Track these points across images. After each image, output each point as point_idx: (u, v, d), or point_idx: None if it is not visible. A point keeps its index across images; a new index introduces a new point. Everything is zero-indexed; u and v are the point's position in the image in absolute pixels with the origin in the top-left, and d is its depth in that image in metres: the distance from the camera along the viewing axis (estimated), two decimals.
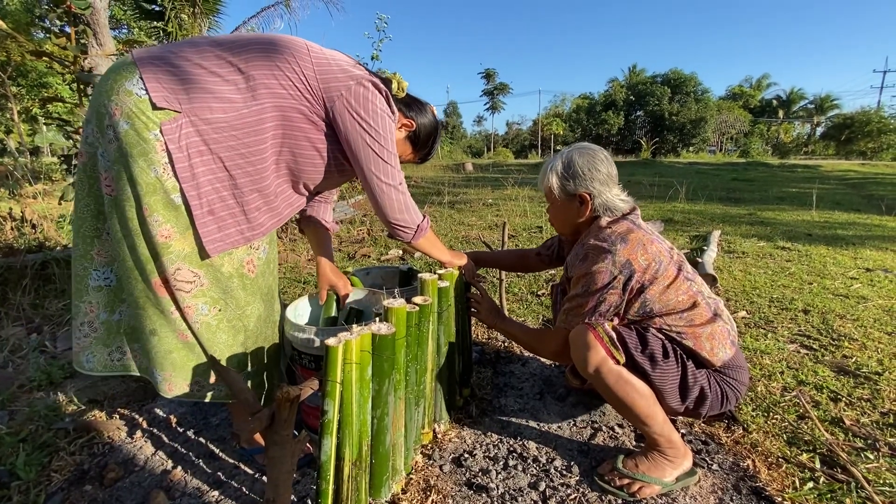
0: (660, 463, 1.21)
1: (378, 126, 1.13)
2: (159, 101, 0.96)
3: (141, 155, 0.97)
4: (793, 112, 47.07)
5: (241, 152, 1.05)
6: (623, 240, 1.20)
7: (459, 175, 13.39)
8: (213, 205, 1.04)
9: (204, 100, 1.00)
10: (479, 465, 1.33)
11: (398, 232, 1.27)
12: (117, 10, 12.08)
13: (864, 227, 5.00)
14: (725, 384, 1.19)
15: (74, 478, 1.29)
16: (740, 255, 3.76)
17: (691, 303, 1.19)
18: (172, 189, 1.00)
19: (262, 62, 1.05)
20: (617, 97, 39.85)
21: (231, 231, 1.08)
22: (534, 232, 4.71)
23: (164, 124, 0.96)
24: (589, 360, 1.15)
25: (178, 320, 1.09)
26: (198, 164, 1.01)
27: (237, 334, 1.15)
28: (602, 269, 1.18)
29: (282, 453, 0.84)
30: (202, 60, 1.02)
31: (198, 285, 1.07)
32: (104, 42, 4.53)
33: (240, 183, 1.07)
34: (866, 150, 33.60)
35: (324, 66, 1.10)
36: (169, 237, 1.01)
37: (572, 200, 1.32)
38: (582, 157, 1.30)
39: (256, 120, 1.04)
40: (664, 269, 1.19)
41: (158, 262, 1.03)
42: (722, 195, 8.08)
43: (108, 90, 0.98)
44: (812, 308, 2.50)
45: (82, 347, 1.17)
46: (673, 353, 1.16)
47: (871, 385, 1.70)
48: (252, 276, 1.16)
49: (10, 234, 2.82)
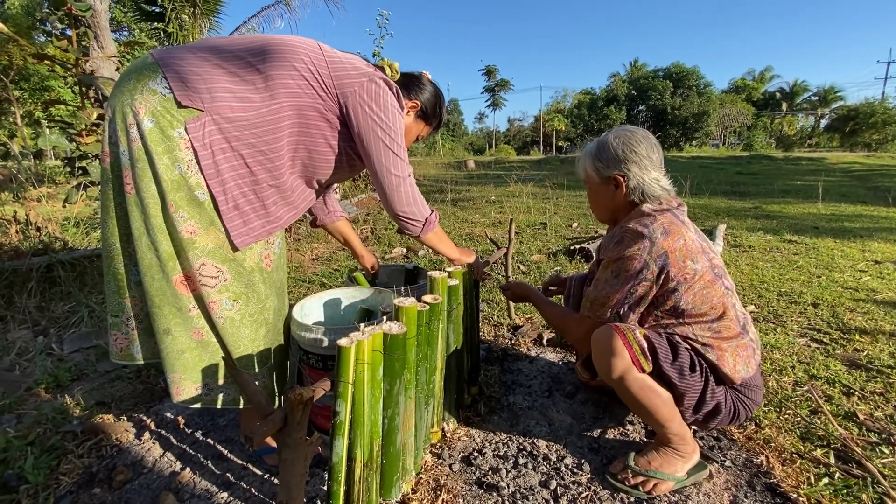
0: (672, 458, 1.20)
1: (389, 120, 1.16)
2: (183, 99, 0.99)
3: (166, 152, 0.99)
4: (796, 104, 46.76)
5: (261, 149, 1.08)
6: (665, 231, 1.14)
7: (462, 173, 13.36)
8: (237, 200, 1.08)
9: (225, 99, 1.02)
10: (488, 463, 1.32)
11: (406, 225, 1.27)
12: (118, 12, 12.09)
13: (872, 220, 4.96)
14: (740, 402, 1.17)
15: (83, 481, 1.29)
16: (747, 248, 3.73)
17: (721, 311, 1.15)
18: (196, 185, 1.02)
19: (279, 62, 1.08)
20: (619, 92, 39.69)
21: (255, 225, 1.12)
22: (538, 229, 4.69)
23: (188, 122, 0.99)
24: (614, 367, 1.11)
25: (195, 318, 1.10)
26: (221, 161, 1.04)
27: (259, 328, 1.18)
28: (636, 254, 1.13)
29: (294, 456, 0.83)
30: (221, 61, 1.05)
31: (222, 280, 1.09)
32: (105, 44, 4.52)
33: (259, 178, 1.10)
34: (871, 141, 33.37)
35: (337, 64, 1.14)
36: (194, 233, 1.04)
37: (608, 184, 1.27)
38: (618, 139, 1.24)
39: (275, 118, 1.07)
40: (701, 271, 1.14)
41: (183, 258, 1.05)
42: (726, 189, 8.04)
43: (130, 89, 0.99)
44: (821, 301, 2.47)
45: (131, 340, 1.19)
46: (699, 367, 1.13)
47: (884, 379, 1.68)
48: (269, 270, 1.19)
49: (15, 238, 2.82)
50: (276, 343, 1.26)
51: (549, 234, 4.38)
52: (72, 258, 2.72)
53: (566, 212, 5.71)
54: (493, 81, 48.66)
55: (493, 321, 2.34)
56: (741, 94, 46.01)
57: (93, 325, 2.33)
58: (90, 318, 2.39)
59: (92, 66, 4.31)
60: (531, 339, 2.15)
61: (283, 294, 1.30)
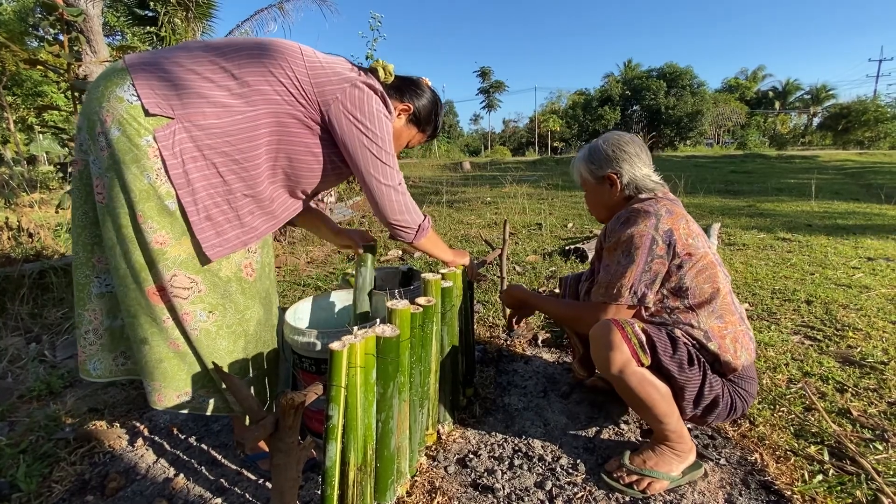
0: (667, 457, 1.20)
1: (375, 127, 1.12)
2: (151, 107, 0.96)
3: (133, 161, 0.95)
4: (789, 103, 47.12)
5: (235, 158, 1.04)
6: (669, 211, 1.20)
7: (457, 174, 13.37)
8: (209, 210, 1.04)
9: (197, 105, 0.98)
10: (484, 465, 1.32)
11: (399, 233, 1.25)
12: (110, 16, 12.06)
13: (865, 217, 4.99)
14: (737, 395, 1.18)
15: (76, 488, 1.28)
16: (741, 247, 3.75)
17: (717, 288, 1.18)
18: (166, 195, 0.99)
19: (256, 67, 1.04)
20: (613, 92, 39.79)
21: (229, 236, 1.07)
22: (533, 229, 4.70)
23: (157, 131, 0.96)
24: (612, 361, 1.11)
25: (171, 329, 1.07)
26: (192, 171, 1.00)
27: (237, 339, 1.14)
28: (644, 231, 1.16)
29: (287, 460, 0.83)
30: (195, 66, 1.01)
31: (195, 291, 1.05)
32: (98, 49, 4.51)
33: (234, 188, 1.06)
34: (863, 139, 33.60)
35: (317, 69, 1.09)
36: (164, 243, 1.00)
37: (602, 183, 1.34)
38: (606, 142, 1.33)
39: (250, 126, 1.04)
40: (703, 250, 1.18)
41: (154, 270, 1.02)
42: (720, 187, 8.08)
43: (98, 97, 0.97)
44: (815, 299, 2.49)
45: (88, 355, 1.16)
46: (697, 360, 1.14)
47: (877, 375, 1.69)
48: (251, 280, 1.15)
49: (8, 244, 2.80)
50: (259, 353, 1.22)
51: (545, 235, 4.38)
52: (64, 264, 2.71)
53: (561, 212, 5.72)
54: (488, 83, 48.67)
55: (488, 322, 2.34)
56: (734, 94, 46.26)
57: None
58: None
59: (84, 70, 4.29)
60: (526, 339, 2.15)
61: (270, 303, 1.25)
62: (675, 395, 1.15)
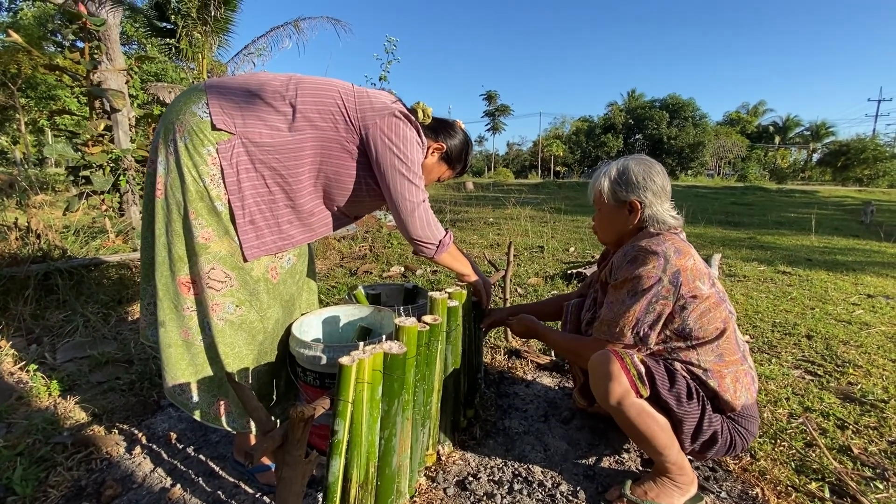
0: (669, 489, 1.19)
1: (406, 150, 1.23)
2: (218, 123, 1.12)
3: (194, 166, 1.11)
4: (789, 138, 47.76)
5: (282, 173, 1.18)
6: (677, 251, 1.17)
7: (461, 193, 13.46)
8: (253, 215, 1.18)
9: (256, 126, 1.14)
10: (483, 488, 1.31)
11: (421, 248, 1.33)
12: (129, 26, 12.33)
13: (864, 253, 5.03)
14: (737, 433, 1.17)
15: (72, 494, 1.26)
16: (741, 278, 3.77)
17: (722, 328, 1.16)
18: (216, 197, 1.13)
19: (312, 99, 1.19)
20: (616, 120, 40.44)
21: (267, 240, 1.21)
22: (535, 252, 4.72)
23: (220, 143, 1.12)
24: (611, 392, 1.10)
25: (188, 317, 1.19)
26: (244, 180, 1.15)
27: (256, 335, 1.25)
28: (651, 273, 1.15)
29: (293, 474, 0.83)
30: (261, 92, 1.17)
31: (228, 285, 1.18)
32: (114, 57, 4.62)
33: (277, 198, 1.20)
34: (862, 176, 33.95)
35: (363, 99, 1.24)
36: (209, 239, 1.14)
37: (622, 207, 1.30)
38: (639, 166, 1.29)
39: (297, 147, 1.18)
40: (707, 292, 1.16)
41: (193, 261, 1.15)
42: (721, 218, 8.14)
43: (178, 110, 1.14)
44: (815, 333, 2.49)
45: (148, 324, 1.33)
46: (696, 394, 1.14)
47: (878, 413, 1.69)
48: (274, 282, 1.27)
49: (15, 244, 2.82)
50: (273, 350, 1.32)
51: (547, 258, 4.41)
52: (70, 266, 2.71)
53: (563, 236, 5.76)
54: (494, 106, 49.46)
55: (489, 344, 2.34)
56: (735, 127, 47.01)
57: (87, 335, 2.32)
58: (85, 328, 2.37)
59: (99, 77, 4.39)
60: (528, 362, 2.15)
61: (292, 308, 1.38)
62: (673, 428, 1.15)
